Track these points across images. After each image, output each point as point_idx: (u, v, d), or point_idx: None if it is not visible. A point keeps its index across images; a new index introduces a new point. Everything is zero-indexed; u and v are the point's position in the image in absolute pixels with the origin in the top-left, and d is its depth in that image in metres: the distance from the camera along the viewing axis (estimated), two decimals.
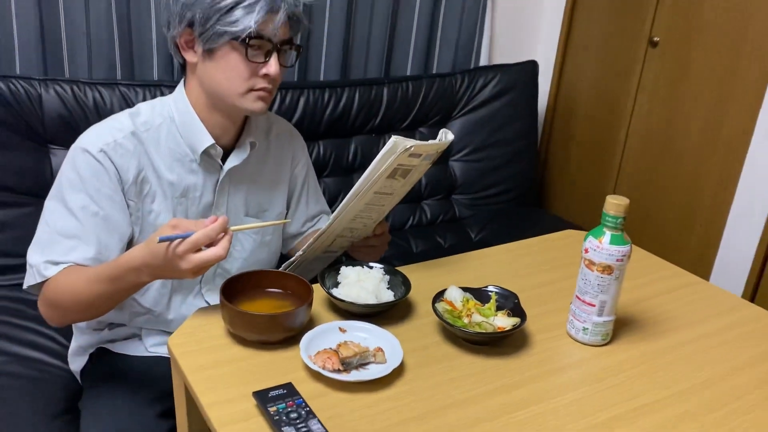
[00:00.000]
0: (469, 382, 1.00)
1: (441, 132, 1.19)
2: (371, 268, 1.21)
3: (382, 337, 1.05)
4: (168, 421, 1.20)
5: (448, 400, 0.95)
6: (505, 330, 1.07)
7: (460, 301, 1.13)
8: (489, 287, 1.17)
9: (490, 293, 1.15)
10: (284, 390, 0.92)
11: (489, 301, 1.14)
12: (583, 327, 1.10)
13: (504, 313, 1.12)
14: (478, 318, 1.09)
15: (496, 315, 1.11)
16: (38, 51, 1.81)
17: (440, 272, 1.32)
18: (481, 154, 2.39)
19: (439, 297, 1.14)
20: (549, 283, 1.30)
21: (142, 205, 1.23)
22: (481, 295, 1.15)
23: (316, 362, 0.97)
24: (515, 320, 1.09)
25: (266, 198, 1.39)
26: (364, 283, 1.16)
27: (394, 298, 1.16)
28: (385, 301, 1.14)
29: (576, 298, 1.10)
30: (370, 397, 0.94)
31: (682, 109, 2.20)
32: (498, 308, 1.13)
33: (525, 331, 1.13)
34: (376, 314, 1.14)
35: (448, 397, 0.96)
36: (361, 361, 0.99)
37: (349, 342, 1.02)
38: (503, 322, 1.09)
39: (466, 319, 1.09)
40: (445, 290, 1.16)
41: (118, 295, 1.12)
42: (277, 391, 0.91)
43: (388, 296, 1.16)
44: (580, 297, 1.09)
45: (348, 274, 1.19)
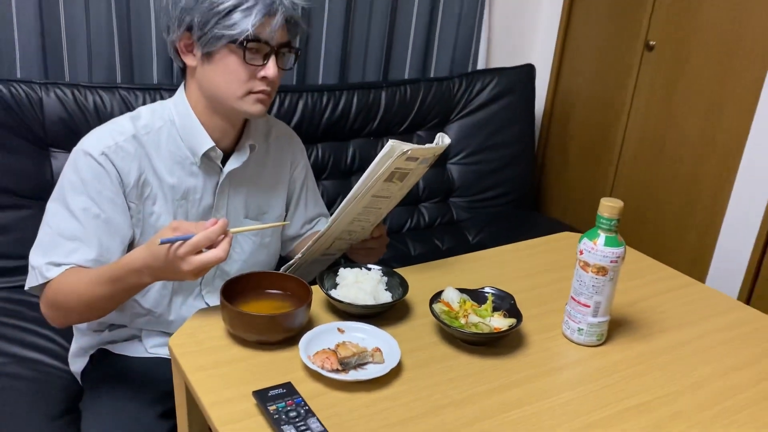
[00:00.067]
0: (466, 382, 1.01)
1: (438, 136, 1.20)
2: (369, 270, 1.22)
3: (380, 337, 1.06)
4: (168, 422, 1.21)
5: (445, 400, 0.96)
6: (502, 331, 1.08)
7: (457, 302, 1.14)
8: (485, 288, 1.18)
9: (487, 294, 1.16)
10: (284, 389, 0.93)
11: (485, 302, 1.15)
12: (579, 328, 1.11)
13: (500, 314, 1.13)
14: (474, 319, 1.10)
15: (493, 316, 1.12)
16: (39, 55, 1.81)
17: (437, 274, 1.33)
18: (479, 157, 2.39)
19: (437, 298, 1.15)
20: (545, 285, 1.31)
21: (143, 208, 1.24)
22: (478, 297, 1.16)
23: (315, 362, 0.98)
24: (511, 321, 1.10)
25: (265, 200, 1.40)
26: (363, 285, 1.16)
27: (392, 299, 1.16)
28: (383, 302, 1.15)
29: (571, 299, 1.11)
30: (369, 397, 0.95)
31: (679, 112, 2.21)
32: (494, 309, 1.14)
33: (521, 332, 1.14)
34: (374, 315, 1.15)
35: (446, 397, 0.97)
36: (360, 361, 1.00)
37: (348, 342, 1.03)
38: (499, 322, 1.10)
39: (463, 320, 1.10)
40: (443, 291, 1.16)
41: (120, 296, 1.13)
42: (277, 390, 0.92)
43: (386, 297, 1.17)
44: (576, 298, 1.10)
45: (346, 275, 1.20)
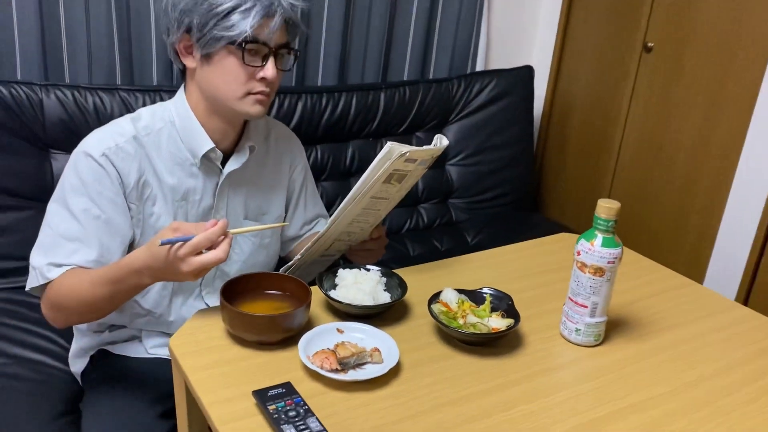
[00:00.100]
0: (464, 381, 1.01)
1: (436, 137, 1.20)
2: (368, 271, 1.22)
3: (379, 337, 1.07)
4: (168, 422, 1.21)
5: (443, 399, 0.97)
6: (500, 331, 1.09)
7: (456, 303, 1.15)
8: (484, 289, 1.18)
9: (485, 295, 1.17)
10: (283, 389, 0.93)
11: (484, 303, 1.15)
12: (576, 328, 1.12)
13: (498, 315, 1.13)
14: (472, 319, 1.11)
15: (491, 316, 1.13)
16: (39, 57, 1.82)
17: (436, 275, 1.33)
18: (478, 159, 2.40)
19: (435, 299, 1.16)
20: (543, 285, 1.32)
21: (143, 208, 1.24)
22: (476, 297, 1.17)
23: (315, 362, 0.99)
24: (509, 321, 1.11)
25: (265, 201, 1.40)
26: (362, 285, 1.17)
27: (391, 299, 1.17)
28: (381, 303, 1.15)
29: (569, 299, 1.12)
30: (367, 396, 0.96)
31: (676, 114, 2.22)
32: (492, 310, 1.14)
33: (519, 332, 1.15)
34: (373, 315, 1.15)
35: (444, 396, 0.97)
36: (359, 361, 1.00)
37: (347, 342, 1.03)
38: (497, 323, 1.11)
39: (461, 320, 1.11)
40: (441, 292, 1.17)
41: (120, 296, 1.14)
42: (276, 390, 0.93)
43: (384, 298, 1.17)
44: (573, 298, 1.11)
45: (345, 276, 1.20)
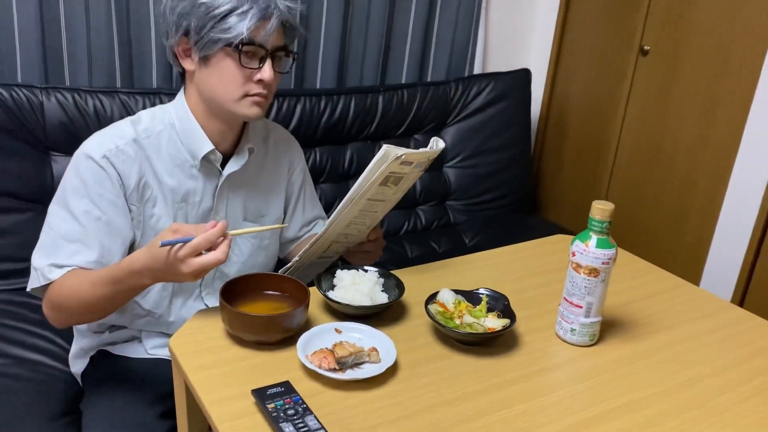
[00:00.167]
0: (461, 381, 1.02)
1: (432, 140, 1.22)
2: (366, 272, 1.23)
3: (377, 337, 1.08)
4: (168, 422, 1.22)
5: (439, 398, 0.98)
6: (496, 331, 1.10)
7: (452, 303, 1.16)
8: (480, 290, 1.19)
9: (481, 295, 1.18)
10: (282, 388, 0.94)
11: (480, 303, 1.16)
12: (571, 328, 1.13)
13: (494, 315, 1.14)
14: (469, 319, 1.12)
15: (487, 316, 1.14)
16: (40, 60, 1.83)
17: (433, 276, 1.34)
18: (475, 161, 2.41)
19: (432, 299, 1.17)
20: (539, 286, 1.33)
21: (143, 210, 1.25)
22: (473, 298, 1.18)
23: (313, 361, 1.00)
24: (505, 321, 1.12)
25: (264, 203, 1.41)
26: (359, 286, 1.18)
27: (388, 300, 1.18)
28: (379, 303, 1.16)
29: (564, 299, 1.13)
30: (365, 395, 0.97)
31: (673, 116, 2.23)
32: (489, 310, 1.15)
33: (515, 332, 1.16)
34: (370, 316, 1.16)
35: (440, 396, 0.99)
36: (356, 360, 1.01)
37: (345, 342, 1.04)
38: (494, 323, 1.12)
39: (457, 321, 1.12)
40: (438, 293, 1.18)
41: (120, 297, 1.15)
42: (275, 389, 0.94)
43: (382, 298, 1.18)
44: (568, 299, 1.12)
45: (343, 277, 1.21)
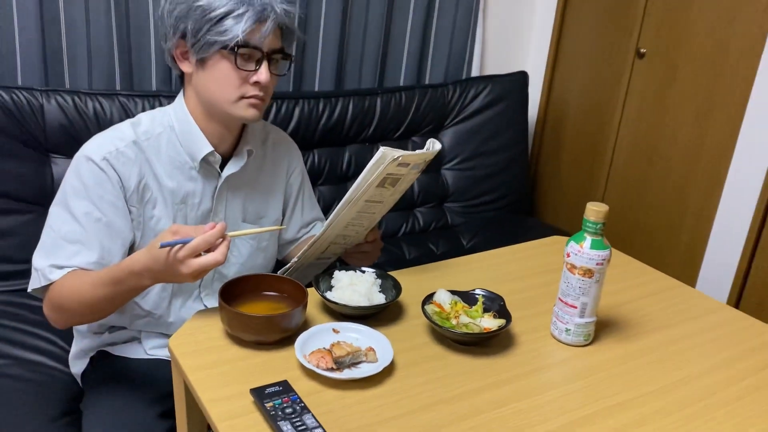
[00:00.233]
0: (457, 380, 1.03)
1: (428, 142, 1.23)
2: (364, 273, 1.25)
3: (374, 337, 1.09)
4: (167, 421, 1.23)
5: (436, 397, 0.99)
6: (491, 331, 1.11)
7: (449, 304, 1.17)
8: (476, 290, 1.20)
9: (477, 296, 1.19)
10: (280, 387, 0.95)
11: (476, 304, 1.17)
12: (566, 328, 1.14)
13: (490, 315, 1.15)
14: (465, 319, 1.13)
15: (483, 317, 1.15)
16: (40, 62, 1.84)
17: (430, 276, 1.35)
18: (473, 163, 2.42)
19: (429, 300, 1.18)
20: (534, 287, 1.34)
21: (143, 211, 1.26)
22: (469, 298, 1.19)
23: (311, 361, 1.01)
24: (501, 322, 1.13)
25: (263, 205, 1.42)
26: (357, 287, 1.19)
27: (386, 300, 1.19)
28: (376, 304, 1.17)
29: (559, 300, 1.14)
30: (362, 394, 0.98)
31: (669, 119, 2.24)
32: (485, 310, 1.16)
33: (510, 332, 1.17)
34: (368, 316, 1.18)
35: (436, 395, 1.00)
36: (354, 360, 1.02)
37: (342, 342, 1.05)
38: (489, 323, 1.13)
39: (454, 321, 1.13)
40: (435, 293, 1.19)
41: (120, 297, 1.16)
42: (274, 388, 0.95)
43: (379, 299, 1.19)
44: (563, 299, 1.13)
45: (341, 278, 1.22)
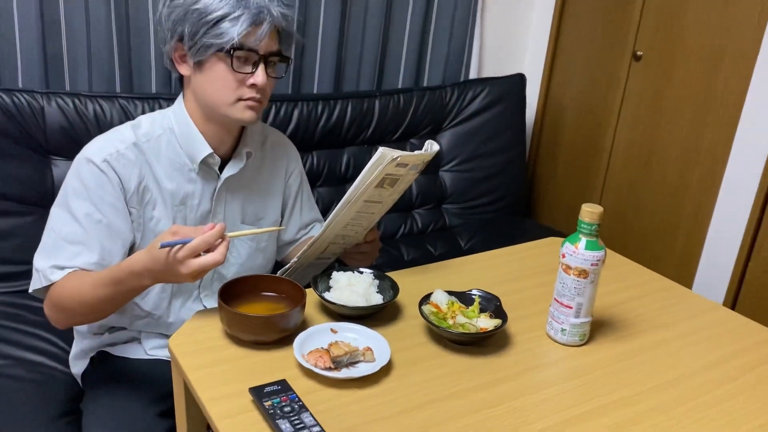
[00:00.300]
0: (453, 379, 1.05)
1: (427, 143, 1.24)
2: (362, 273, 1.26)
3: (371, 337, 1.10)
4: (167, 421, 1.24)
5: (432, 396, 1.00)
6: (488, 331, 1.12)
7: (446, 304, 1.18)
8: (473, 291, 1.22)
9: (474, 296, 1.20)
10: (279, 386, 0.96)
11: (472, 304, 1.19)
12: (562, 328, 1.15)
13: (487, 315, 1.16)
14: (462, 319, 1.14)
15: (479, 317, 1.16)
16: (40, 65, 1.85)
17: (427, 277, 1.36)
18: (471, 165, 2.43)
19: (426, 300, 1.19)
20: (530, 288, 1.35)
21: (143, 213, 1.27)
22: (465, 298, 1.20)
23: (309, 361, 1.02)
24: (497, 322, 1.14)
25: (262, 206, 1.43)
26: (355, 287, 1.20)
27: (383, 301, 1.20)
28: (374, 304, 1.18)
29: (554, 300, 1.16)
30: (360, 393, 0.99)
31: (665, 121, 2.25)
32: (481, 310, 1.18)
33: (506, 332, 1.18)
34: (365, 316, 1.19)
35: (433, 393, 1.01)
36: (351, 359, 1.03)
37: (340, 342, 1.06)
38: (486, 323, 1.14)
39: (450, 321, 1.14)
40: (432, 294, 1.20)
41: (121, 298, 1.17)
42: (272, 387, 0.96)
43: (377, 299, 1.20)
44: (558, 299, 1.14)
45: (339, 278, 1.23)
